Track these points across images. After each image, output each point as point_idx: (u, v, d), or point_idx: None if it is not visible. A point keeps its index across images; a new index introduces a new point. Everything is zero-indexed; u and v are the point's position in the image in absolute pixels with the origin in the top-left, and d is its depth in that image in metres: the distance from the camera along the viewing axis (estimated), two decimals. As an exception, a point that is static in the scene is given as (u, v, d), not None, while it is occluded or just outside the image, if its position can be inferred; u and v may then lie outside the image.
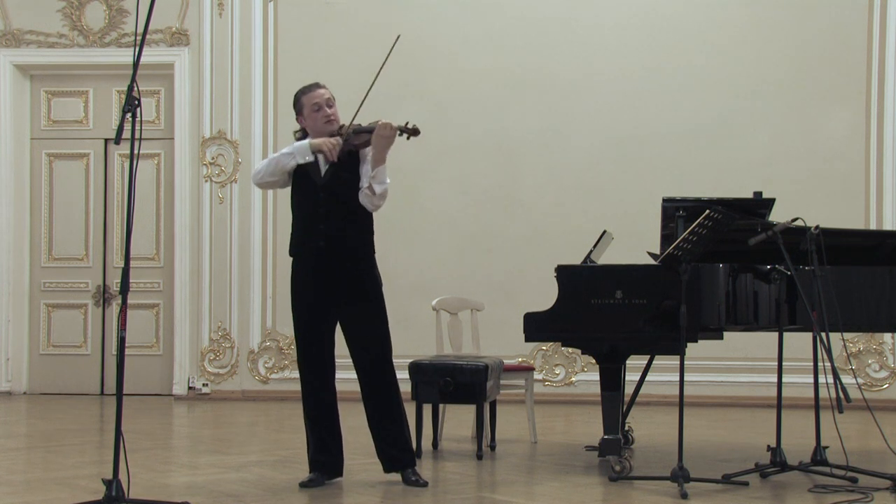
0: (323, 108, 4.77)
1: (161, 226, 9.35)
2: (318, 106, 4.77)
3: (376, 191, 4.66)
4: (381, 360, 4.74)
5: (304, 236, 4.74)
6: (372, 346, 4.73)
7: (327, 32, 9.15)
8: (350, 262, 4.71)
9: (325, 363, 4.77)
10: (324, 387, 4.77)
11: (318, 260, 4.70)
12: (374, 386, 4.75)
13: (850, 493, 4.47)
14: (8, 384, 9.31)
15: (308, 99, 4.79)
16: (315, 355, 4.76)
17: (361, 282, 4.72)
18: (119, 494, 3.85)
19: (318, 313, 4.73)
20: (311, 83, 4.87)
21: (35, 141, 9.51)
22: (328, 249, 4.68)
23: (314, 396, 4.77)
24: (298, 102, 4.83)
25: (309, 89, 4.82)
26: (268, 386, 9.08)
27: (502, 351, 7.71)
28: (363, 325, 4.74)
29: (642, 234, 6.64)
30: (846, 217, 8.07)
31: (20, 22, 9.36)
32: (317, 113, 4.77)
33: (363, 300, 4.73)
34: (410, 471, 4.76)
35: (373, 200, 4.68)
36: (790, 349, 5.45)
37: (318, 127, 4.77)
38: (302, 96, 4.82)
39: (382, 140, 4.64)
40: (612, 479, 4.84)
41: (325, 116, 4.77)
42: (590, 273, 5.19)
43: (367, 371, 4.74)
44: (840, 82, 8.70)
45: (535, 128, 8.94)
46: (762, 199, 5.29)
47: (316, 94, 4.79)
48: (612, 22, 8.94)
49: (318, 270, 4.70)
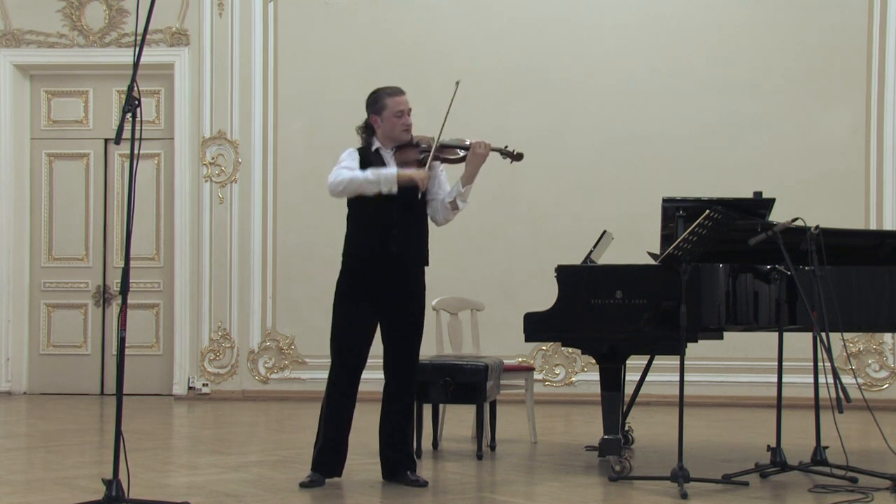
0: (405, 116, 4.77)
1: (161, 226, 9.35)
2: (402, 113, 4.76)
3: (459, 207, 4.79)
4: (412, 369, 4.83)
5: (375, 240, 4.70)
6: (408, 353, 4.80)
7: (327, 32, 9.15)
8: (411, 269, 4.78)
9: (359, 366, 4.78)
10: (352, 389, 4.78)
11: (383, 264, 4.70)
12: (399, 392, 4.81)
13: (850, 493, 4.47)
14: (8, 384, 9.31)
15: (394, 103, 4.75)
16: (353, 358, 4.75)
17: (415, 287, 4.80)
18: (119, 494, 3.85)
19: (366, 317, 4.75)
20: (394, 87, 4.82)
21: (35, 141, 9.51)
22: (397, 255, 4.70)
23: (340, 397, 4.75)
24: (381, 102, 4.77)
25: (395, 93, 4.78)
26: (268, 386, 9.08)
27: (502, 351, 7.70)
28: (406, 332, 4.79)
29: (642, 234, 6.64)
30: (846, 217, 8.06)
31: (20, 22, 9.36)
32: (398, 119, 4.75)
33: (413, 305, 4.79)
34: (410, 471, 4.77)
35: (448, 215, 4.83)
36: (790, 349, 5.45)
37: (394, 133, 4.77)
38: (387, 97, 4.77)
39: (478, 158, 4.75)
40: (612, 479, 4.84)
41: (405, 125, 4.76)
42: (590, 273, 5.19)
43: (396, 377, 4.80)
44: (840, 82, 8.70)
45: (535, 128, 8.94)
46: (762, 199, 5.29)
47: (402, 100, 4.77)
48: (612, 22, 8.94)
49: (379, 274, 4.71)
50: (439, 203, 4.83)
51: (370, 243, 4.73)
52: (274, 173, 9.13)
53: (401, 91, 4.81)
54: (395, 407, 4.82)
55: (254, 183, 9.14)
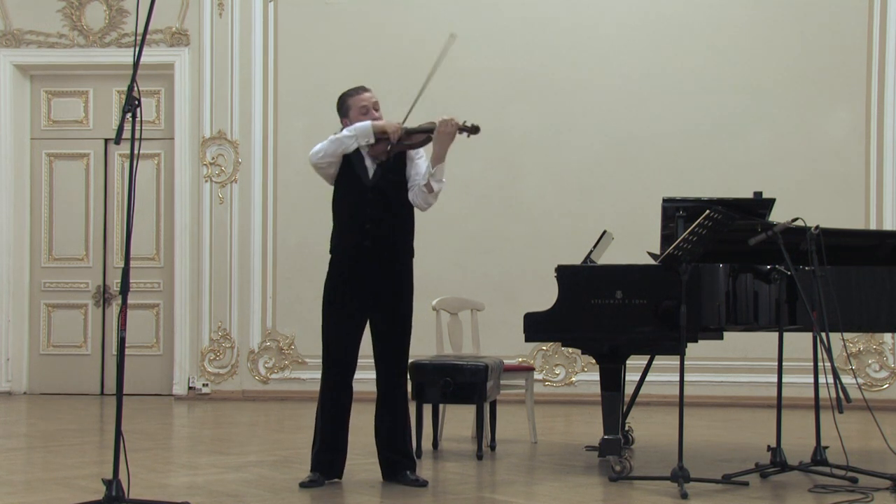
0: (371, 111, 4.78)
1: (161, 226, 9.35)
2: (365, 109, 4.77)
3: (434, 188, 4.72)
4: (402, 365, 4.82)
5: (351, 236, 4.73)
6: (397, 349, 4.78)
7: (327, 32, 9.15)
8: (392, 263, 4.75)
9: (350, 364, 4.78)
10: (345, 387, 4.78)
11: (361, 259, 4.70)
12: (391, 390, 4.79)
13: (850, 493, 4.47)
14: (8, 384, 9.31)
15: (355, 101, 4.79)
16: (342, 355, 4.75)
17: (400, 283, 4.77)
18: (119, 494, 3.85)
19: (352, 313, 4.74)
20: (357, 86, 4.87)
21: (35, 141, 9.51)
22: (373, 249, 4.69)
23: (334, 395, 4.76)
24: (344, 105, 4.82)
25: (356, 92, 4.82)
26: (268, 386, 9.08)
27: (502, 351, 7.70)
28: (393, 328, 4.77)
29: (642, 234, 6.64)
30: (846, 217, 8.06)
31: (20, 22, 9.36)
32: (364, 116, 4.76)
33: (398, 300, 4.77)
34: (410, 471, 4.77)
35: (427, 198, 4.75)
36: (790, 349, 5.45)
37: None
38: (348, 98, 4.82)
39: (445, 137, 4.69)
40: (612, 479, 4.84)
41: (373, 120, 4.76)
42: (590, 273, 5.19)
43: (387, 374, 4.78)
44: (840, 82, 8.70)
45: (535, 128, 8.94)
46: (762, 199, 5.29)
47: (363, 97, 4.79)
48: (612, 22, 8.93)
49: (360, 270, 4.71)
50: (416, 189, 4.79)
51: (346, 239, 4.76)
52: (274, 173, 9.13)
53: (363, 89, 4.84)
54: (388, 406, 4.79)
55: (254, 183, 9.14)
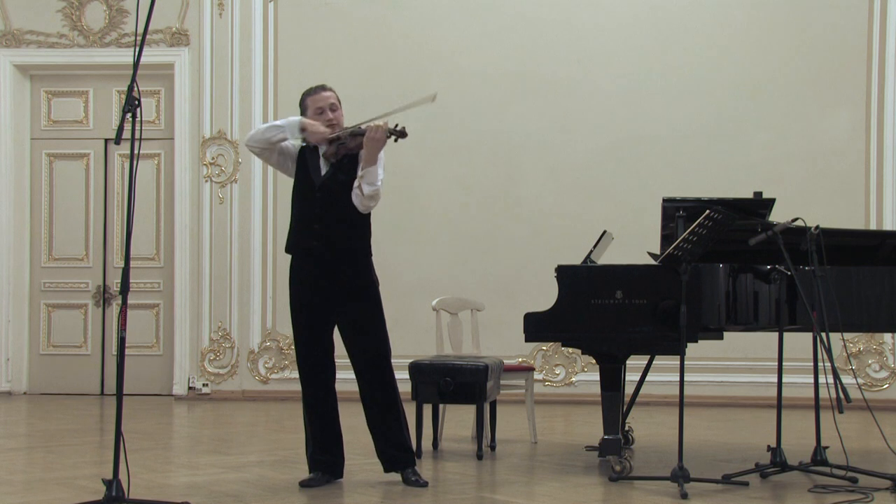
0: (326, 112, 4.76)
1: (161, 226, 9.35)
2: (321, 109, 4.76)
3: (365, 191, 4.62)
4: (379, 361, 4.74)
5: (300, 235, 4.74)
6: (369, 346, 4.73)
7: (327, 32, 9.15)
8: (345, 264, 4.70)
9: (324, 364, 4.76)
10: (322, 388, 4.76)
11: (313, 260, 4.70)
12: (373, 387, 4.75)
13: (850, 493, 4.47)
14: (8, 384, 9.31)
15: (312, 101, 4.79)
16: (312, 356, 4.75)
17: (357, 283, 4.71)
18: (119, 494, 3.85)
19: (314, 314, 4.73)
20: (317, 85, 4.86)
21: (35, 141, 9.51)
22: (322, 250, 4.67)
23: (312, 397, 4.76)
24: (303, 104, 4.83)
25: (314, 91, 4.82)
26: (268, 386, 9.08)
27: (502, 351, 7.71)
28: (360, 326, 4.73)
29: (642, 234, 6.65)
30: (846, 217, 8.07)
31: (20, 22, 9.36)
32: (319, 116, 4.75)
33: (359, 301, 4.72)
34: (410, 471, 4.76)
35: (362, 201, 4.65)
36: (790, 349, 5.45)
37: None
38: (307, 98, 4.82)
39: (372, 142, 4.60)
40: (612, 479, 4.84)
41: (328, 121, 4.75)
42: (590, 273, 5.19)
43: (365, 372, 4.74)
44: (840, 82, 8.70)
45: (535, 128, 8.94)
46: (762, 199, 5.29)
47: (320, 98, 4.78)
48: (612, 22, 8.94)
49: (313, 270, 4.70)
50: (355, 189, 4.69)
51: (295, 237, 4.76)
52: (274, 173, 9.12)
53: (322, 88, 4.82)
54: (374, 403, 4.74)
55: (254, 183, 9.14)
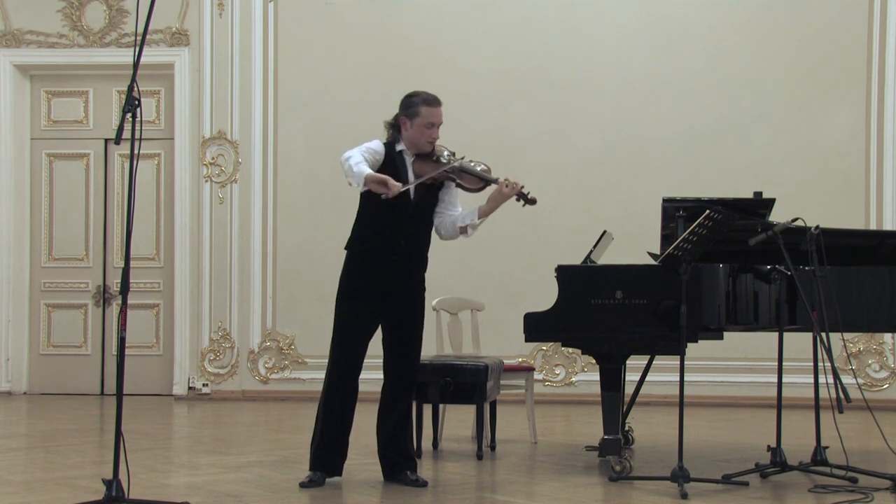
0: (435, 129, 4.74)
1: (161, 226, 9.35)
2: (432, 125, 4.72)
3: (469, 234, 4.81)
4: (411, 372, 4.85)
5: (380, 245, 4.71)
6: (407, 354, 4.81)
7: (327, 32, 9.15)
8: (412, 275, 4.79)
9: (358, 363, 4.78)
10: (351, 384, 4.77)
11: (385, 267, 4.71)
12: (397, 393, 4.82)
13: (850, 493, 4.47)
14: (8, 384, 9.30)
15: (428, 113, 4.70)
16: (352, 353, 4.75)
17: (415, 293, 4.81)
18: (119, 494, 3.85)
19: (367, 315, 4.75)
20: (435, 96, 4.76)
21: (35, 141, 9.51)
22: (399, 262, 4.72)
23: (340, 392, 4.75)
24: (416, 108, 4.70)
25: (432, 103, 4.72)
26: (268, 386, 9.07)
27: (502, 351, 7.70)
28: (405, 332, 4.80)
29: (642, 234, 6.64)
30: (846, 217, 8.06)
31: (20, 22, 9.36)
32: (427, 129, 4.71)
33: (411, 309, 4.79)
34: (410, 471, 4.77)
35: (454, 236, 4.85)
36: (790, 349, 5.45)
37: (418, 141, 4.73)
38: (423, 106, 4.70)
39: (502, 197, 4.76)
40: (612, 479, 4.84)
41: (431, 137, 4.73)
42: (590, 273, 5.19)
43: (395, 379, 4.81)
44: (840, 82, 8.70)
45: (535, 128, 8.94)
46: (762, 199, 5.29)
47: (436, 112, 4.72)
48: (612, 22, 8.93)
49: (381, 276, 4.71)
50: (448, 221, 4.84)
51: (373, 245, 4.73)
52: (274, 173, 9.13)
53: (438, 102, 4.75)
54: (395, 409, 4.81)
55: (254, 183, 9.14)
